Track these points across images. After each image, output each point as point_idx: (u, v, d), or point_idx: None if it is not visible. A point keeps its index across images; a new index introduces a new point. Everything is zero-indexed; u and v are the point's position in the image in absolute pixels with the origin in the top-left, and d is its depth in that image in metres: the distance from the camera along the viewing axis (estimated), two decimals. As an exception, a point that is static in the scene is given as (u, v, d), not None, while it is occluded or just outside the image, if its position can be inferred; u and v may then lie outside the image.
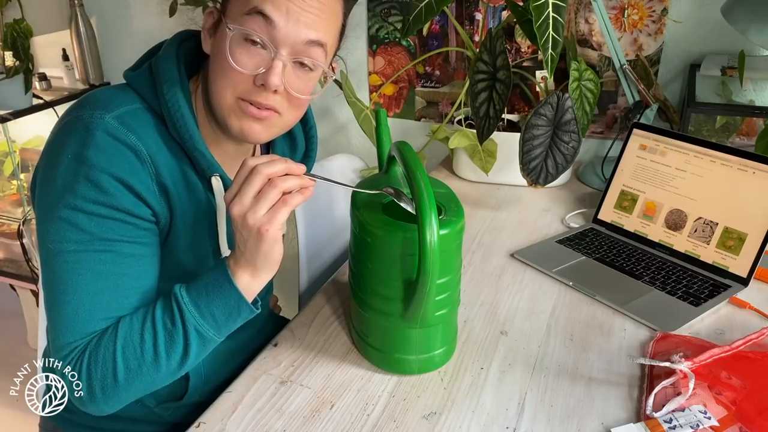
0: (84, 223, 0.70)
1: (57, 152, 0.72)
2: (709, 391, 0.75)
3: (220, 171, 0.79)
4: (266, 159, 0.68)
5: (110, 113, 0.72)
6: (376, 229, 0.77)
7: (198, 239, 0.82)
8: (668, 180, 1.14)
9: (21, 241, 1.89)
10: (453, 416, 0.77)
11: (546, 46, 1.04)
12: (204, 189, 0.81)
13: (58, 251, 0.71)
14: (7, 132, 1.88)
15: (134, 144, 0.72)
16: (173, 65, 0.77)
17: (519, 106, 1.63)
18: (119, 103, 0.74)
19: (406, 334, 0.81)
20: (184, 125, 0.76)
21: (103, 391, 0.71)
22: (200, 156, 0.77)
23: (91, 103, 0.74)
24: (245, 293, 0.71)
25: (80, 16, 1.97)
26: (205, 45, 0.79)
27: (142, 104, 0.76)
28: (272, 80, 0.72)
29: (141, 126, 0.74)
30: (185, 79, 0.78)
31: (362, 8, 1.69)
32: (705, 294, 0.99)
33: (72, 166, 0.70)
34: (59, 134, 0.73)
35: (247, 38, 0.72)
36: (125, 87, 0.78)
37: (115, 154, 0.71)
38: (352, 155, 1.46)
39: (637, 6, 1.46)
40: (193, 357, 0.72)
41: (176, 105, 0.76)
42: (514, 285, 1.05)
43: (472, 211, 1.31)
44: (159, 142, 0.76)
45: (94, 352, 0.70)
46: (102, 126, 0.71)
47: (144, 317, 0.72)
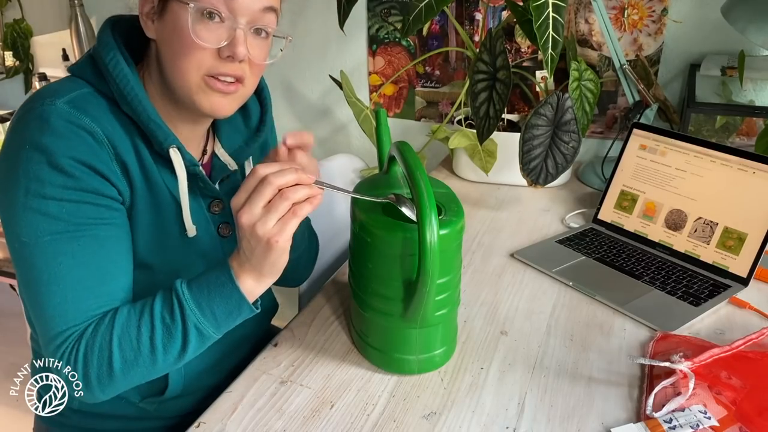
0: (55, 210, 0.70)
1: (13, 145, 0.71)
2: (709, 391, 0.75)
3: (177, 142, 0.78)
4: (276, 167, 0.68)
5: (61, 98, 0.72)
6: (376, 229, 0.77)
7: (160, 219, 0.81)
8: (668, 180, 1.14)
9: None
10: (453, 416, 0.77)
11: (546, 46, 1.04)
12: (159, 169, 0.80)
13: (35, 243, 0.70)
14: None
15: (89, 126, 0.72)
16: (114, 47, 0.77)
17: (519, 106, 1.63)
18: (69, 89, 0.74)
19: (406, 334, 0.81)
20: (136, 98, 0.75)
21: (99, 380, 0.71)
22: (156, 128, 0.76)
23: (40, 93, 0.74)
24: (248, 296, 0.72)
25: (80, 16, 1.97)
26: (147, 30, 0.78)
27: (90, 89, 0.76)
28: (240, 50, 0.73)
29: (93, 108, 0.74)
30: (129, 59, 0.78)
31: (362, 8, 1.69)
32: (705, 294, 0.99)
33: (32, 156, 0.69)
34: (13, 130, 0.73)
35: (204, 13, 0.72)
36: (70, 77, 0.78)
37: (72, 138, 0.71)
38: (352, 155, 1.46)
39: (637, 6, 1.46)
40: (191, 352, 0.73)
41: (125, 80, 0.75)
42: (514, 285, 1.05)
43: (472, 211, 1.31)
44: (113, 121, 0.75)
45: (91, 341, 0.71)
46: (55, 112, 0.71)
47: (142, 310, 0.72)
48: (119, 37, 0.78)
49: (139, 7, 0.78)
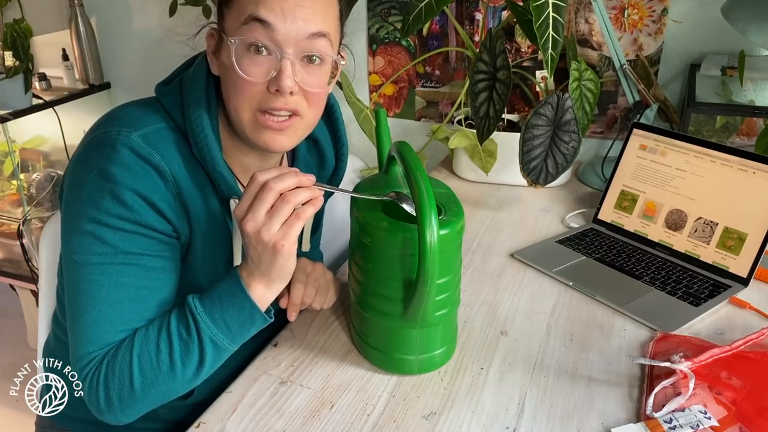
0: (108, 236, 0.72)
1: (83, 167, 0.73)
2: (709, 391, 0.75)
3: (239, 194, 0.80)
4: (276, 173, 0.68)
5: (136, 131, 0.73)
6: (376, 229, 0.77)
7: (214, 258, 0.83)
8: (668, 180, 1.14)
9: (21, 241, 1.89)
10: (453, 416, 0.77)
11: (546, 46, 1.04)
12: (222, 210, 0.81)
13: (83, 263, 0.72)
14: (7, 132, 1.88)
15: (158, 163, 0.73)
16: (201, 85, 0.78)
17: (519, 106, 1.63)
18: (147, 122, 0.75)
19: (406, 334, 0.81)
20: (207, 147, 0.76)
21: (121, 401, 0.72)
22: (221, 179, 0.78)
23: (120, 119, 0.75)
24: (259, 303, 0.73)
25: (80, 16, 1.97)
26: (213, 68, 0.79)
27: (168, 123, 0.77)
28: (285, 83, 0.72)
29: (165, 145, 0.75)
30: (213, 98, 0.79)
31: (362, 8, 1.69)
32: (705, 294, 0.99)
33: (97, 181, 0.71)
34: (86, 149, 0.75)
35: (250, 47, 0.72)
36: (154, 103, 0.79)
37: (139, 172, 0.72)
38: (352, 155, 1.46)
39: (637, 6, 1.46)
40: (208, 366, 0.74)
41: (200, 127, 0.76)
42: (514, 285, 1.04)
43: (472, 211, 1.31)
44: (182, 162, 0.77)
45: (111, 363, 0.72)
46: (128, 143, 0.72)
47: (159, 328, 0.73)
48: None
49: (206, 45, 0.79)
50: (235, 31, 0.73)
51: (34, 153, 2.20)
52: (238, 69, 0.72)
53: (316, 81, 0.76)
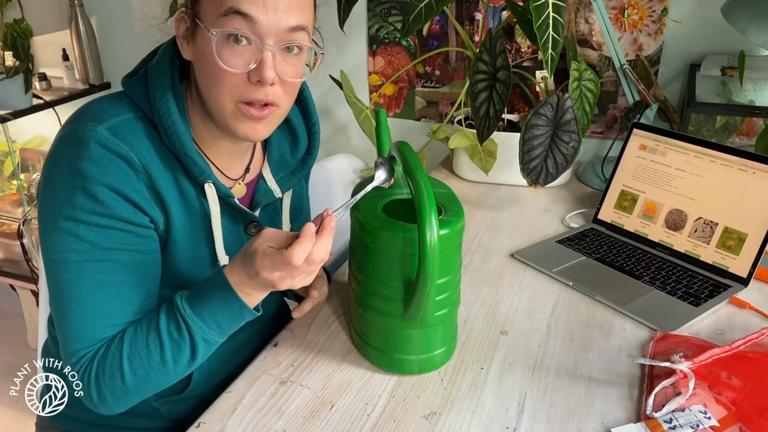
0: (84, 233, 0.72)
1: (54, 165, 0.74)
2: (709, 391, 0.75)
3: (212, 178, 0.80)
4: (307, 249, 0.67)
5: (102, 124, 0.73)
6: (376, 229, 0.77)
7: (195, 245, 0.83)
8: (668, 180, 1.14)
9: (21, 241, 1.89)
10: (453, 416, 0.77)
11: (546, 46, 1.04)
12: (197, 195, 0.81)
13: (61, 261, 0.72)
14: (7, 132, 1.88)
15: (126, 154, 0.73)
16: (166, 71, 0.78)
17: (519, 106, 1.63)
18: (112, 113, 0.75)
19: (406, 334, 0.81)
20: (176, 133, 0.76)
21: (114, 396, 0.73)
22: (192, 164, 0.78)
23: (86, 114, 0.75)
24: (249, 303, 0.73)
25: (80, 16, 1.97)
26: (185, 52, 0.78)
27: (135, 113, 0.77)
28: (268, 74, 0.72)
29: (134, 135, 0.75)
30: (179, 85, 0.78)
31: (362, 8, 1.69)
32: (705, 294, 0.99)
33: (68, 178, 0.72)
34: (56, 147, 0.75)
35: (230, 38, 0.72)
36: (121, 95, 0.79)
37: (108, 165, 0.72)
38: (352, 155, 1.46)
39: (637, 6, 1.46)
40: (200, 358, 0.75)
41: (167, 113, 0.76)
42: (514, 285, 1.04)
43: (472, 211, 1.31)
44: (152, 150, 0.76)
45: (102, 362, 0.73)
46: (95, 137, 0.72)
47: (148, 329, 0.73)
48: (178, 56, 0.79)
49: (174, 27, 0.78)
50: (214, 21, 0.72)
51: (34, 153, 2.20)
52: (219, 61, 0.72)
53: (294, 71, 0.77)
